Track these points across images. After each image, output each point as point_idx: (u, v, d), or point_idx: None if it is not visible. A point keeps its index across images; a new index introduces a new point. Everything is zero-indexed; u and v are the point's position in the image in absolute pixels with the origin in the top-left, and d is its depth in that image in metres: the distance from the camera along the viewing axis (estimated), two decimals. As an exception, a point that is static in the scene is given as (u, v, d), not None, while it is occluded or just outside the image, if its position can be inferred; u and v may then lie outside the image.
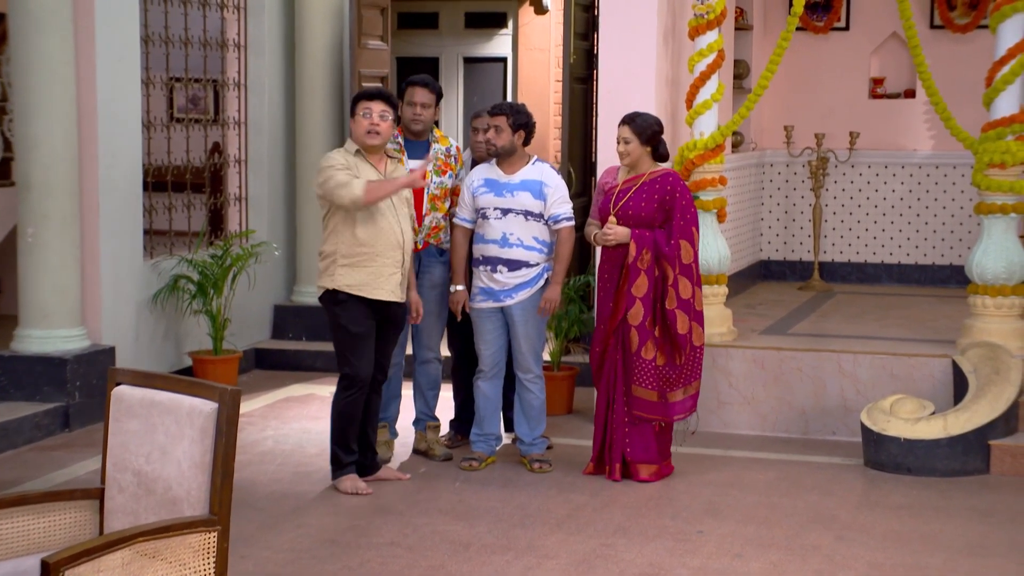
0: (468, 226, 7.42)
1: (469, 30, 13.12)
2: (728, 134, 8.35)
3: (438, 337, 7.74)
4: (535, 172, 7.36)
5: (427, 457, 7.70)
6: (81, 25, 8.33)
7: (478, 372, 7.55)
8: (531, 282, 7.33)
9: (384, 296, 6.86)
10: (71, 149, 8.27)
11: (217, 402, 4.16)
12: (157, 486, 4.24)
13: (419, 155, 7.45)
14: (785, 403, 8.28)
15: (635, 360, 7.14)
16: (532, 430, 7.49)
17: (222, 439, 4.14)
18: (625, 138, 7.19)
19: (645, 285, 7.13)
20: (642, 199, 7.18)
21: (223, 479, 4.14)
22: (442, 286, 7.56)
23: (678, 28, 8.64)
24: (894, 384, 8.07)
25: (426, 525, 6.49)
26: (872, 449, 7.57)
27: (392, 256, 6.83)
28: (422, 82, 7.50)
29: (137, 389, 4.37)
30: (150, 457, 4.27)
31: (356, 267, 6.80)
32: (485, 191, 7.33)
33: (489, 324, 7.42)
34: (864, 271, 11.64)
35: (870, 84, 11.63)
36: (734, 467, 7.58)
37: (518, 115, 7.31)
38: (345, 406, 6.97)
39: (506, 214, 7.29)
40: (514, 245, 7.29)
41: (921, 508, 6.87)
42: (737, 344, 8.42)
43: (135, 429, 4.32)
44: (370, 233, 6.78)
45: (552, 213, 7.32)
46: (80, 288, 8.45)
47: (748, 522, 6.59)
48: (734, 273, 10.67)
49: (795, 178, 11.71)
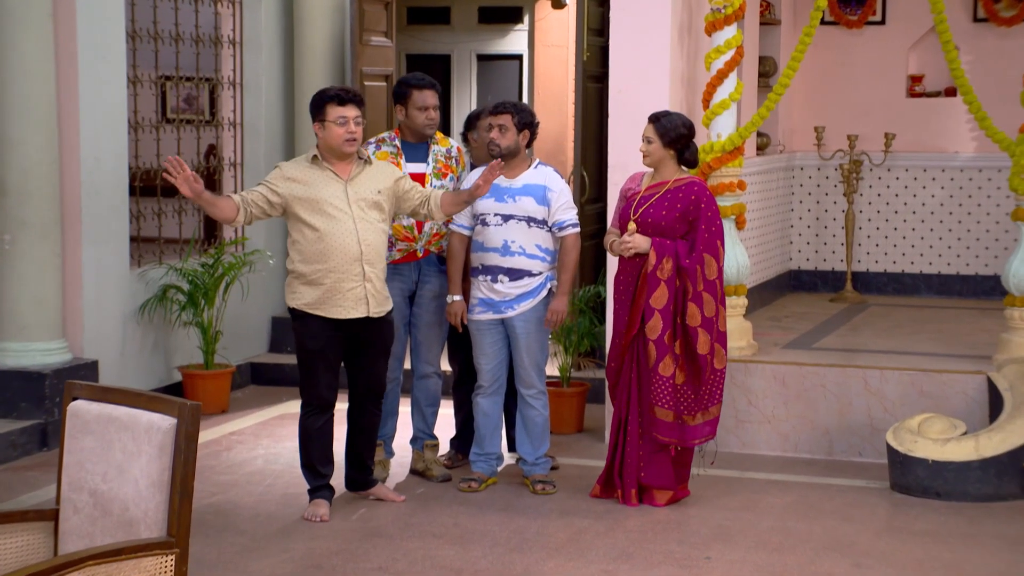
0: (466, 233, 7.41)
1: (483, 25, 13.16)
2: (747, 135, 8.35)
3: (438, 351, 7.75)
4: (538, 176, 7.35)
5: (424, 477, 7.71)
6: (61, 20, 8.40)
7: (477, 388, 7.54)
8: (534, 292, 7.33)
9: (343, 314, 6.81)
10: (51, 151, 8.33)
11: (176, 417, 4.18)
12: (114, 507, 4.27)
13: (419, 158, 7.48)
14: (808, 422, 8.26)
15: (652, 377, 7.12)
16: (535, 449, 7.50)
17: (180, 456, 4.16)
18: (647, 137, 7.16)
19: (665, 296, 7.09)
20: (664, 207, 7.13)
21: (182, 499, 4.15)
22: (442, 297, 7.58)
23: (695, 23, 8.65)
24: (924, 402, 8.05)
25: (418, 550, 6.51)
26: (898, 472, 7.55)
27: (349, 270, 6.75)
28: (431, 84, 7.51)
29: (94, 404, 4.40)
30: (107, 476, 4.30)
31: (312, 284, 6.79)
32: (485, 196, 7.28)
33: (489, 337, 7.42)
34: (901, 282, 11.60)
35: (908, 82, 11.60)
36: (750, 489, 7.57)
37: (523, 114, 7.31)
38: (305, 427, 6.99)
39: (507, 220, 7.28)
40: (516, 253, 7.29)
41: (947, 535, 6.84)
42: (757, 359, 8.41)
43: (91, 446, 4.36)
44: (319, 249, 6.74)
45: (557, 219, 7.31)
46: (61, 298, 8.51)
47: (760, 548, 6.58)
48: (760, 284, 10.69)
49: (827, 182, 11.69)
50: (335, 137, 6.76)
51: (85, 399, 4.44)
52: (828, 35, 11.58)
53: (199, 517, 6.95)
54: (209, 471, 7.89)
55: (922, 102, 11.57)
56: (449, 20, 13.19)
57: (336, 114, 6.75)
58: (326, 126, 6.77)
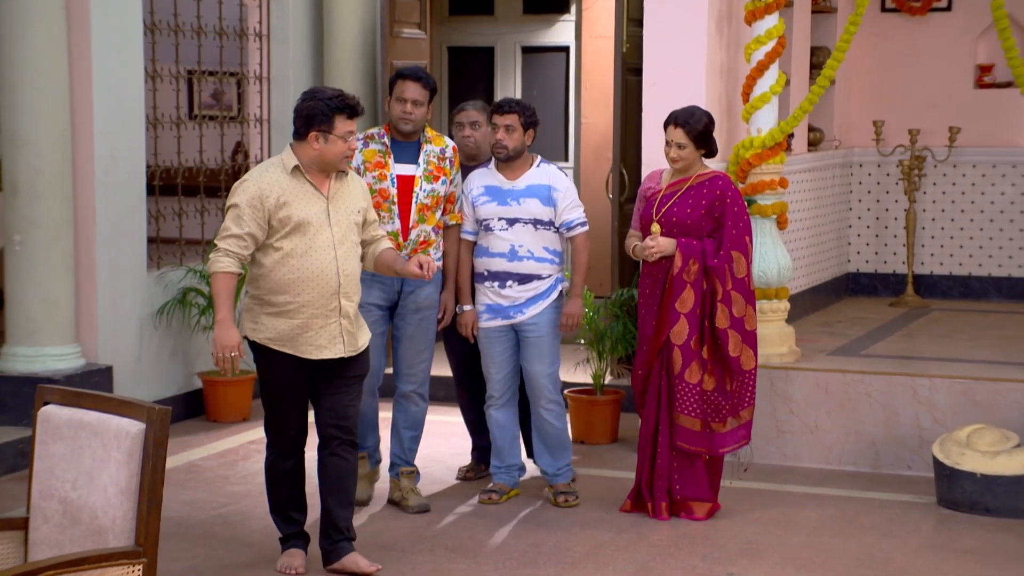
0: (472, 239, 7.44)
1: (528, 16, 13.18)
2: (789, 131, 8.34)
3: (422, 368, 7.43)
4: (541, 176, 7.36)
5: (400, 508, 7.40)
6: (74, 13, 8.53)
7: (489, 399, 7.53)
8: (544, 295, 7.35)
9: (315, 354, 6.21)
10: (63, 149, 8.47)
11: (144, 422, 4.26)
12: (83, 515, 4.35)
13: (409, 158, 7.24)
14: (852, 433, 8.24)
15: (677, 384, 7.14)
16: (556, 460, 7.51)
17: (149, 463, 4.24)
18: (679, 143, 7.12)
19: (691, 300, 7.12)
20: (688, 204, 7.15)
21: (150, 506, 4.23)
22: (428, 309, 7.35)
23: (735, 12, 8.65)
24: (976, 412, 8.00)
25: (427, 563, 6.57)
26: (945, 486, 7.51)
27: (324, 305, 6.15)
28: (414, 75, 7.27)
29: (65, 409, 4.49)
30: (76, 483, 4.39)
31: (280, 316, 6.17)
32: (487, 200, 7.33)
33: (499, 344, 7.42)
34: (967, 285, 11.51)
35: (976, 72, 11.52)
36: (786, 503, 7.57)
37: (528, 113, 7.30)
38: (273, 469, 6.45)
39: (513, 224, 7.30)
40: (524, 258, 7.31)
41: (991, 553, 6.80)
42: (798, 366, 8.40)
43: (62, 453, 4.44)
44: (293, 279, 6.12)
45: (564, 220, 7.33)
46: (73, 301, 8.64)
47: (787, 564, 6.58)
48: (814, 287, 10.66)
49: (887, 180, 11.63)
50: (336, 153, 6.16)
51: (56, 404, 4.53)
52: (889, 23, 11.53)
53: (207, 528, 7.12)
54: (222, 481, 7.99)
55: (991, 93, 11.47)
56: (492, 11, 13.22)
57: (345, 128, 6.15)
58: (330, 140, 6.13)
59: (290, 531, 6.48)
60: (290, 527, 6.48)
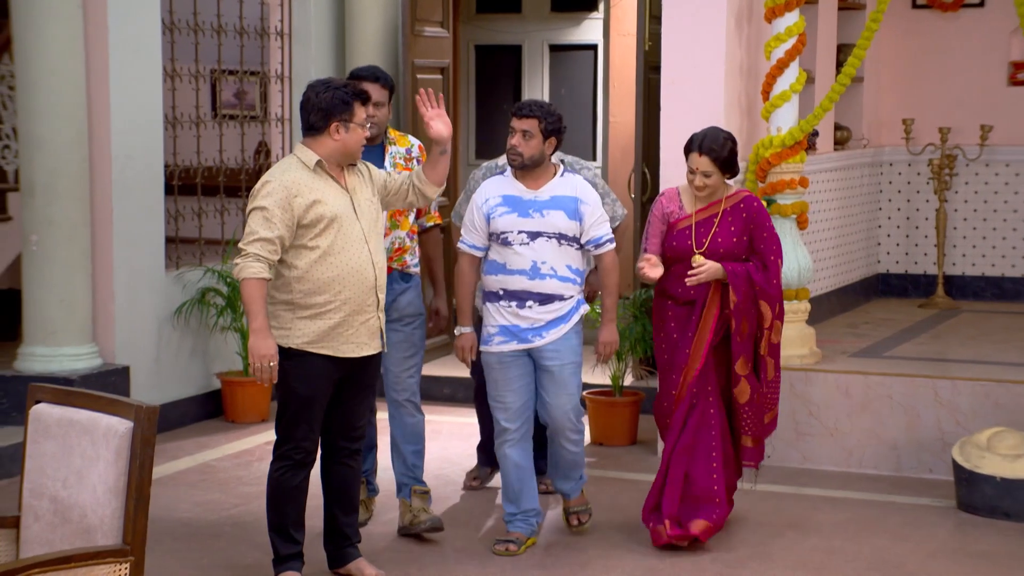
0: (478, 254, 6.81)
1: (555, 14, 13.23)
2: (808, 130, 8.36)
3: (411, 377, 7.09)
4: (567, 187, 6.77)
5: (412, 534, 7.01)
6: (92, 13, 8.64)
7: (502, 434, 6.85)
8: (565, 318, 6.75)
9: (354, 352, 6.09)
10: (80, 149, 8.57)
11: (132, 421, 4.34)
12: (73, 514, 4.43)
13: (374, 162, 6.66)
14: (873, 435, 8.24)
15: (742, 411, 6.97)
16: (570, 479, 7.11)
17: (136, 461, 4.31)
18: (704, 171, 6.77)
19: (747, 328, 6.88)
20: (729, 231, 6.87)
21: (137, 505, 4.30)
22: (412, 316, 7.03)
23: (755, 9, 8.67)
24: (999, 415, 7.99)
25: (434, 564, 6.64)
26: (964, 489, 7.51)
27: (363, 301, 6.05)
28: (371, 75, 6.89)
29: (56, 407, 4.57)
30: (67, 482, 4.47)
31: (318, 318, 6.00)
32: (506, 211, 6.71)
33: (515, 370, 6.78)
34: (1000, 287, 11.48)
35: (1009, 69, 11.47)
36: (801, 506, 7.59)
37: (551, 119, 6.70)
38: (280, 485, 6.18)
39: (535, 238, 6.67)
40: (547, 276, 6.68)
41: (1007, 558, 6.80)
42: (818, 368, 8.41)
43: (52, 451, 4.52)
44: (331, 277, 5.98)
45: (592, 236, 6.76)
46: (91, 301, 8.75)
47: (798, 568, 6.61)
48: (841, 288, 10.66)
49: (917, 179, 11.60)
50: (358, 141, 6.06)
51: (48, 403, 4.61)
52: (919, 20, 11.52)
53: (216, 529, 7.19)
54: (236, 481, 8.07)
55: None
56: (520, 8, 13.28)
57: (363, 115, 6.07)
58: (351, 128, 6.02)
59: (289, 551, 6.24)
60: (289, 547, 6.24)
